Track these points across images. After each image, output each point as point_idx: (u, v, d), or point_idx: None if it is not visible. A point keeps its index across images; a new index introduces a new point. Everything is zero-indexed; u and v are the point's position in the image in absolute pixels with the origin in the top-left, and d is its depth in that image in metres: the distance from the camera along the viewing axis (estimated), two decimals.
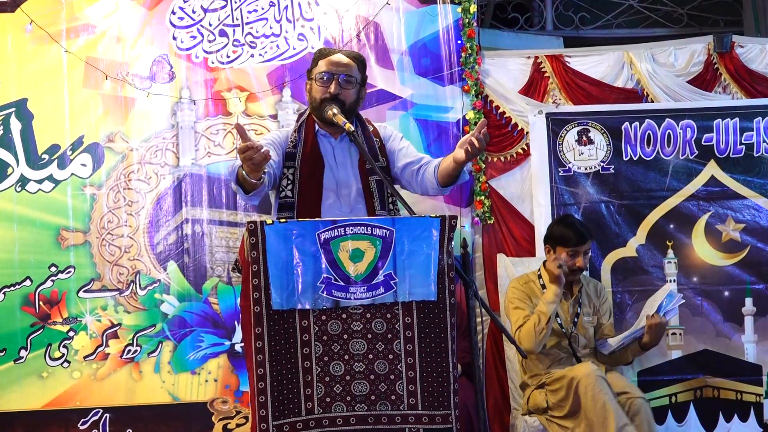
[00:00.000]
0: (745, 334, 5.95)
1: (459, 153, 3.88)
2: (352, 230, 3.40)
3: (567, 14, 7.67)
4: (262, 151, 3.50)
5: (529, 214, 6.03)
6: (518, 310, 5.21)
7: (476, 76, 6.01)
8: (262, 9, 5.95)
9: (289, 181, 3.94)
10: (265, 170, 3.71)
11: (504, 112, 6.07)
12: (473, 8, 6.00)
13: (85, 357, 5.75)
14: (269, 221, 3.38)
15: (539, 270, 5.36)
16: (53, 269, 5.76)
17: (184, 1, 5.92)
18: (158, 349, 5.79)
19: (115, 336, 5.78)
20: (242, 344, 5.70)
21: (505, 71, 6.17)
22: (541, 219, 5.95)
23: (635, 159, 5.99)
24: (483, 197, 5.98)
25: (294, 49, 5.96)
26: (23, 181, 5.76)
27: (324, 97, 3.96)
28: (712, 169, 5.98)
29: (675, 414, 5.86)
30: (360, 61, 4.07)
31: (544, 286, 5.22)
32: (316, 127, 4.02)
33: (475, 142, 3.77)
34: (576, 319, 5.24)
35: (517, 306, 5.22)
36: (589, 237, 5.21)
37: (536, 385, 5.17)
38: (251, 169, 3.59)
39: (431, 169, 4.14)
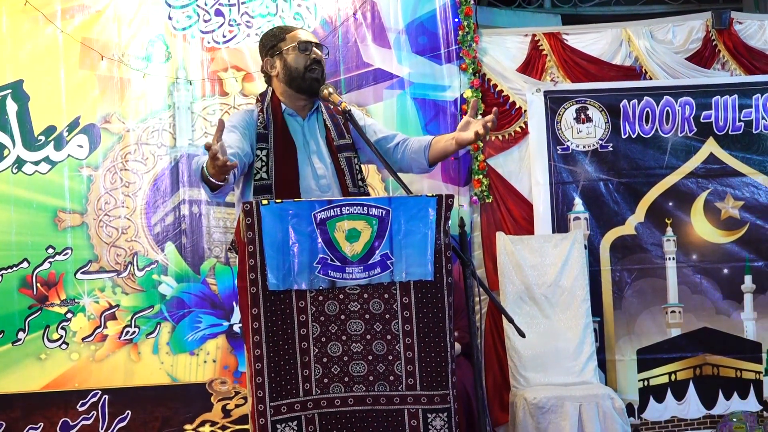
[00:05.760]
0: (745, 312, 5.95)
1: (467, 135, 3.81)
2: (348, 210, 3.38)
3: None
4: (229, 163, 3.38)
5: (528, 193, 6.02)
6: None
7: (474, 55, 5.98)
8: None
9: (264, 163, 3.86)
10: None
11: (502, 91, 6.05)
12: None
13: (83, 339, 5.74)
14: (265, 201, 3.36)
15: None
16: (50, 251, 5.74)
17: None
18: (156, 330, 5.78)
19: (114, 317, 5.77)
20: (240, 325, 5.69)
21: (503, 49, 6.14)
22: (540, 197, 5.94)
23: (634, 137, 5.96)
24: (481, 176, 5.96)
25: None
26: (20, 162, 5.74)
27: (307, 64, 3.93)
28: (710, 147, 5.96)
29: (674, 392, 5.86)
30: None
31: None
32: (283, 106, 3.97)
33: (490, 125, 3.73)
34: None
35: None
36: None
37: None
38: (216, 172, 3.46)
39: (416, 147, 4.04)
